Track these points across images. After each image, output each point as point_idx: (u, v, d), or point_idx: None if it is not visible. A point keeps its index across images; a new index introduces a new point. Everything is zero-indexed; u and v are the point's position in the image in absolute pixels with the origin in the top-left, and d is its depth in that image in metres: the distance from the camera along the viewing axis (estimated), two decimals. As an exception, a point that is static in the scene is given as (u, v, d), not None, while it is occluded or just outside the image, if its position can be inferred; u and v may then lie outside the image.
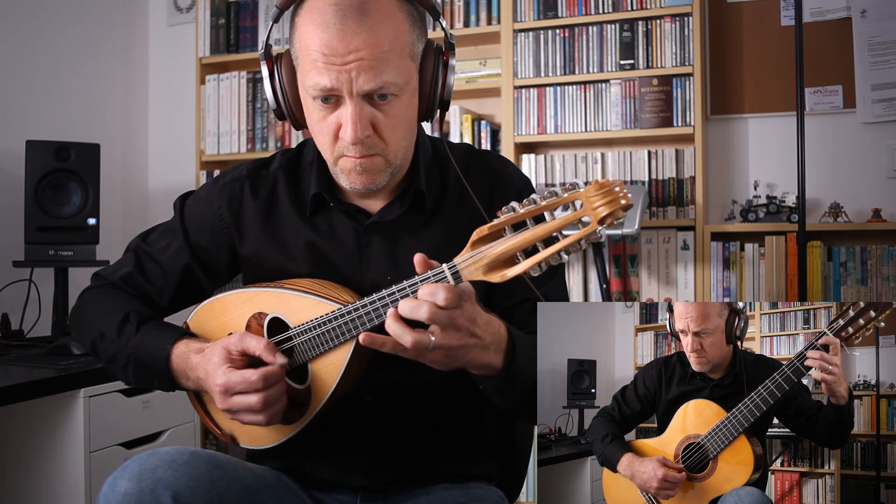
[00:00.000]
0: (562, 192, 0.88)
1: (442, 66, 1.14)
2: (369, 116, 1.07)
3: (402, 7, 1.08)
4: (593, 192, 0.85)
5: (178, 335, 1.18)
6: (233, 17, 3.13)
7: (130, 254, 1.31)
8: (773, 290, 2.53)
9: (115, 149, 3.16)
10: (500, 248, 0.92)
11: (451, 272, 0.95)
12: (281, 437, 1.14)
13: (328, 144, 1.11)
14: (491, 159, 1.27)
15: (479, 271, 0.93)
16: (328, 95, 1.06)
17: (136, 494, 0.98)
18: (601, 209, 0.85)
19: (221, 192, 1.27)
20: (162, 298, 1.29)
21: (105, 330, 1.22)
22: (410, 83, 1.10)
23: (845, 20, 2.60)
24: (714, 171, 2.76)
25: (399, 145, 1.12)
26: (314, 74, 1.05)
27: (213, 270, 1.30)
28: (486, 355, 1.00)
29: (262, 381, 1.04)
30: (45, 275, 2.70)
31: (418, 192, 1.19)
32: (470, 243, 0.94)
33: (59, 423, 2.06)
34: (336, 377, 1.08)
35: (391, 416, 1.20)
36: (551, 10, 2.74)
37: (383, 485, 1.21)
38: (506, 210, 0.91)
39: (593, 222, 0.86)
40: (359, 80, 1.04)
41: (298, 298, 1.11)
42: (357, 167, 1.10)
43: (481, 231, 0.93)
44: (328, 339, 1.07)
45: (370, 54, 1.03)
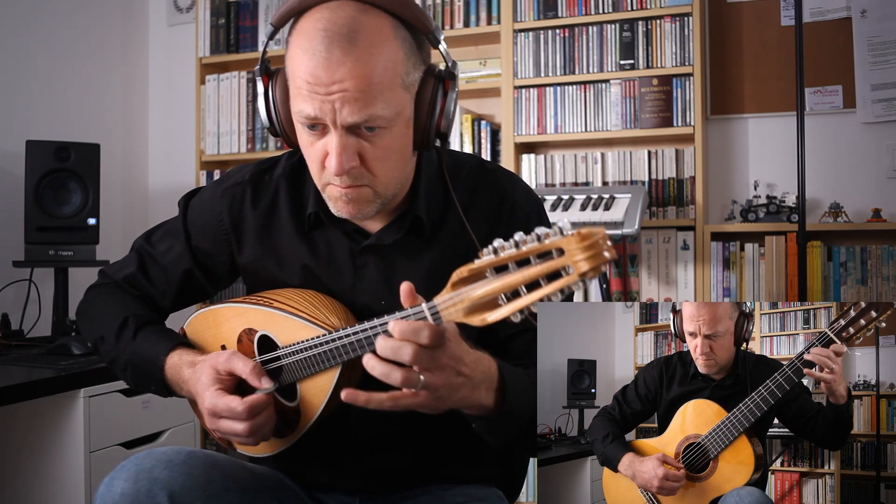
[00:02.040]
0: (543, 237, 0.86)
1: (441, 95, 1.07)
2: (355, 147, 1.02)
3: (398, 34, 1.02)
4: (575, 243, 0.83)
5: (173, 345, 1.17)
6: (233, 17, 3.13)
7: (134, 254, 1.30)
8: (773, 290, 2.53)
9: (115, 149, 3.16)
10: (480, 291, 0.89)
11: (430, 312, 0.92)
12: (275, 449, 1.14)
13: (316, 171, 1.08)
14: (501, 178, 1.22)
15: (460, 313, 0.91)
16: (314, 123, 1.02)
17: (132, 494, 0.98)
18: (582, 264, 0.83)
19: (224, 196, 1.25)
20: (164, 300, 1.29)
21: (105, 333, 1.23)
22: (403, 114, 1.04)
23: (845, 20, 2.60)
24: (714, 171, 2.76)
25: (389, 177, 1.08)
26: (300, 101, 1.02)
27: (215, 274, 1.29)
28: (477, 394, 0.97)
29: (247, 411, 1.03)
30: (45, 275, 2.70)
31: (417, 218, 1.16)
32: (450, 284, 0.91)
33: (59, 423, 2.06)
34: (323, 401, 1.08)
35: (390, 420, 1.18)
36: (551, 10, 2.74)
37: (382, 487, 1.21)
38: (487, 252, 0.88)
39: (575, 274, 0.84)
40: (343, 112, 0.99)
41: (286, 319, 1.10)
42: (343, 197, 1.06)
43: (461, 273, 0.90)
44: (314, 364, 1.06)
45: (355, 86, 0.98)
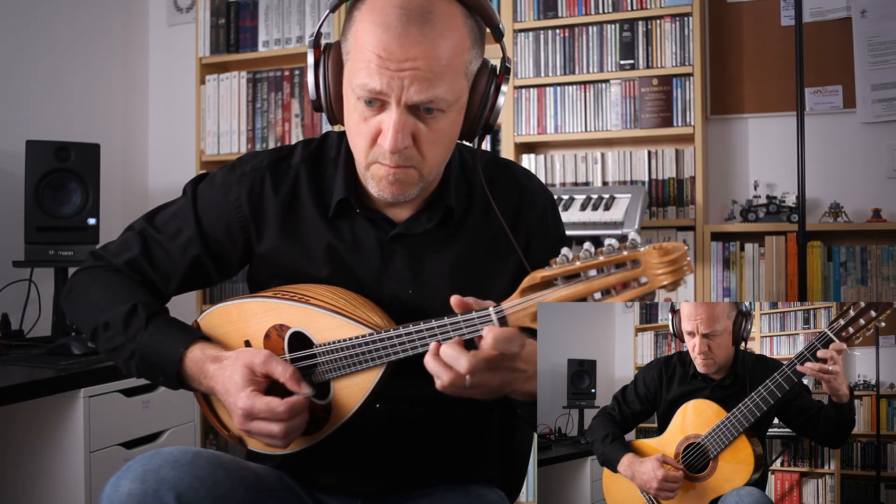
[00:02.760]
0: (620, 248, 0.85)
1: (494, 89, 1.10)
2: (412, 127, 1.03)
3: (467, 23, 1.04)
4: (656, 258, 0.83)
5: (192, 338, 1.13)
6: (233, 17, 3.13)
7: (135, 236, 1.24)
8: (773, 290, 2.52)
9: (115, 149, 3.16)
10: (552, 297, 0.89)
11: (497, 316, 0.93)
12: (293, 449, 1.11)
13: (364, 147, 1.07)
14: (517, 173, 1.24)
15: (528, 318, 0.91)
16: (373, 98, 1.02)
17: (139, 495, 0.98)
18: (664, 277, 0.83)
19: (241, 181, 1.21)
20: (167, 286, 1.24)
21: (110, 320, 1.17)
22: (460, 101, 1.06)
23: (845, 20, 2.60)
24: (714, 171, 2.76)
25: (436, 161, 1.09)
26: (364, 74, 1.01)
27: (224, 263, 1.25)
28: (531, 384, 0.99)
29: (287, 412, 1.02)
30: (45, 275, 2.70)
31: (448, 208, 1.16)
32: (519, 290, 0.91)
33: (59, 423, 2.06)
34: (360, 399, 1.06)
35: (400, 425, 1.18)
36: (551, 10, 2.74)
37: (384, 489, 1.20)
38: (560, 261, 0.88)
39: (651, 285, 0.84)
40: (410, 90, 1.00)
41: (326, 317, 1.08)
42: (389, 176, 1.06)
43: (533, 278, 0.90)
44: (356, 362, 1.05)
45: (427, 66, 0.99)
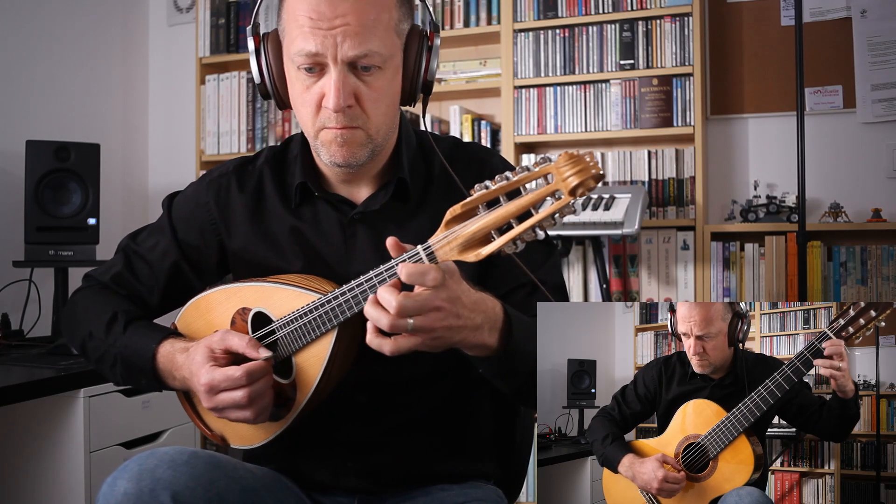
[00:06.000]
0: (533, 167, 0.87)
1: (426, 49, 1.14)
2: (352, 87, 1.07)
3: None
4: (563, 163, 0.84)
5: (164, 335, 1.18)
6: (233, 17, 3.13)
7: (120, 254, 1.31)
8: (773, 290, 2.53)
9: (115, 149, 3.16)
10: (473, 227, 0.90)
11: (426, 253, 0.94)
12: (270, 435, 1.13)
13: (310, 116, 1.11)
14: (476, 149, 1.27)
15: (455, 251, 0.92)
16: (312, 65, 1.07)
17: (135, 494, 0.98)
18: (571, 179, 0.83)
19: (209, 188, 1.27)
20: (152, 298, 1.29)
21: (93, 329, 1.22)
22: (395, 59, 1.11)
23: (845, 20, 2.60)
24: (714, 171, 2.76)
25: (381, 120, 1.12)
26: (300, 41, 1.06)
27: (202, 268, 1.29)
28: (479, 335, 0.99)
29: (245, 376, 1.04)
30: (45, 275, 2.70)
31: (401, 180, 1.19)
32: (444, 223, 0.93)
33: (59, 423, 2.06)
34: (320, 368, 1.07)
35: (384, 414, 1.20)
36: (551, 10, 2.74)
37: (380, 487, 1.21)
38: (478, 188, 0.90)
39: (565, 194, 0.85)
40: (344, 46, 1.05)
41: (280, 291, 1.10)
42: (338, 138, 1.10)
43: (454, 210, 0.92)
44: (310, 331, 1.06)
45: (356, 20, 1.04)
